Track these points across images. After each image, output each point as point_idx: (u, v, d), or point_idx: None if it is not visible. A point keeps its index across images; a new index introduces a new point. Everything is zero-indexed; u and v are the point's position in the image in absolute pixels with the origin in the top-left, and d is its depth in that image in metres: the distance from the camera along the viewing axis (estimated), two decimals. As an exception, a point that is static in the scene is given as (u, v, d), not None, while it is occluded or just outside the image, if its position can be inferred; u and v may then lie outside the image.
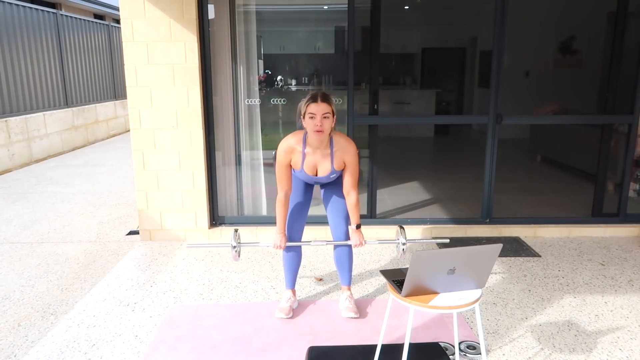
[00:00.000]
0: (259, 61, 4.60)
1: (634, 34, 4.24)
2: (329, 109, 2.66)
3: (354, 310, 2.97)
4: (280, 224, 2.88)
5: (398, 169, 6.83)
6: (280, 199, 2.85)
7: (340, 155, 2.78)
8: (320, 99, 2.65)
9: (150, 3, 3.92)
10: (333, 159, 2.77)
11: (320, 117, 2.63)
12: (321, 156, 2.78)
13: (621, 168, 4.44)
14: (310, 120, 2.65)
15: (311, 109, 2.64)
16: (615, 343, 2.72)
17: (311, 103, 2.65)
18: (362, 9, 4.13)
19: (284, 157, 2.79)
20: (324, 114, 2.64)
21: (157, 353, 2.65)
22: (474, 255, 1.99)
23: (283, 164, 2.80)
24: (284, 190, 2.85)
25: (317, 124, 2.64)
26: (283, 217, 2.88)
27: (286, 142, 2.80)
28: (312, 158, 2.79)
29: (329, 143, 2.77)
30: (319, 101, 2.64)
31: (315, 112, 2.63)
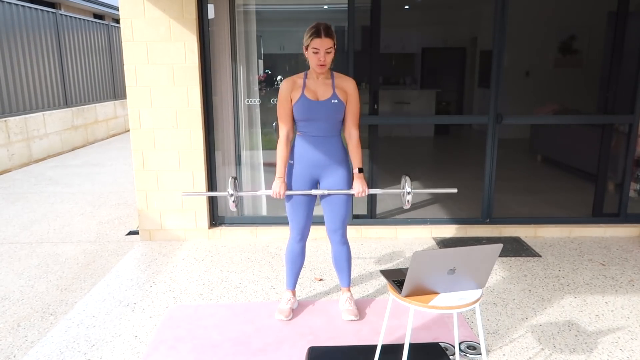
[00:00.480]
0: (259, 61, 4.59)
1: (635, 33, 4.24)
2: (331, 43, 2.65)
3: (354, 313, 2.96)
4: (280, 168, 2.82)
5: (398, 168, 6.82)
6: (282, 140, 2.81)
7: (341, 85, 2.77)
8: (324, 33, 2.62)
9: (150, 3, 3.91)
10: (334, 85, 2.76)
11: (324, 51, 2.63)
12: (322, 84, 2.77)
13: (622, 168, 4.43)
14: (314, 55, 2.65)
15: (315, 44, 2.62)
16: (616, 343, 2.71)
17: (315, 38, 2.63)
18: (362, 9, 4.12)
19: (285, 90, 2.77)
20: (327, 48, 2.63)
21: (157, 353, 2.65)
22: (474, 255, 1.99)
23: (284, 98, 2.77)
24: (285, 129, 2.81)
25: (320, 59, 2.64)
26: (283, 160, 2.82)
27: (288, 78, 2.81)
28: (314, 84, 2.76)
29: (330, 74, 2.78)
30: (322, 36, 2.62)
31: (319, 47, 2.62)
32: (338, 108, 2.76)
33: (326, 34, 2.63)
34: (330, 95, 2.74)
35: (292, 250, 3.01)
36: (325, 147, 2.80)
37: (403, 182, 2.91)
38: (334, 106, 2.75)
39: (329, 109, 2.74)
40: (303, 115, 2.76)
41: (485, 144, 4.31)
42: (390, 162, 7.29)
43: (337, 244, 2.97)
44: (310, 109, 2.74)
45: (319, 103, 2.74)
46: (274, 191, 2.81)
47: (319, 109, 2.74)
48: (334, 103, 2.74)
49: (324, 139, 2.79)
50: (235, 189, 2.87)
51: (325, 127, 2.78)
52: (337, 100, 2.75)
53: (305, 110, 2.75)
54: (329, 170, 2.84)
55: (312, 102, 2.73)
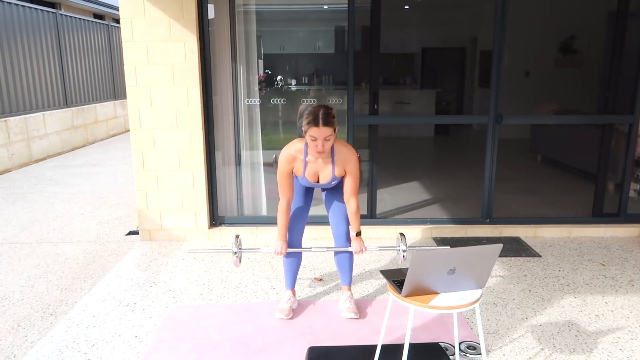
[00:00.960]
0: (259, 61, 4.59)
1: (635, 33, 4.24)
2: (330, 131, 2.58)
3: (354, 311, 2.97)
4: (282, 231, 2.88)
5: (398, 169, 6.82)
6: (282, 207, 2.84)
7: (342, 164, 2.78)
8: (322, 122, 2.55)
9: (150, 3, 3.91)
10: (334, 167, 2.77)
11: (322, 140, 2.59)
12: (323, 164, 2.78)
13: (621, 168, 4.43)
14: (312, 142, 2.61)
15: (312, 132, 2.57)
16: (616, 343, 2.71)
17: (312, 126, 2.57)
18: (362, 9, 4.12)
19: (285, 166, 2.78)
20: (326, 137, 2.58)
21: (156, 353, 2.65)
22: (474, 255, 1.99)
23: (285, 172, 2.79)
24: (286, 198, 2.84)
25: (318, 147, 2.61)
26: (284, 224, 2.87)
27: (287, 150, 2.78)
28: (314, 166, 2.79)
29: (330, 151, 2.77)
30: (320, 125, 2.55)
31: (317, 135, 2.57)
32: (337, 182, 2.90)
33: (325, 123, 2.55)
34: (330, 178, 2.81)
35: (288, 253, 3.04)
36: None
37: (398, 241, 2.95)
38: (334, 184, 2.89)
39: (329, 185, 2.89)
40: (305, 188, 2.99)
41: (485, 144, 4.31)
42: (390, 162, 7.29)
43: (341, 242, 3.00)
44: (311, 187, 2.96)
45: (319, 184, 2.87)
46: (276, 250, 2.89)
47: (318, 186, 2.91)
48: (334, 183, 2.87)
49: None
50: (239, 247, 2.91)
51: None
52: (336, 181, 2.86)
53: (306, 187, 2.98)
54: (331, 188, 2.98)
55: (313, 183, 2.86)
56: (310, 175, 2.81)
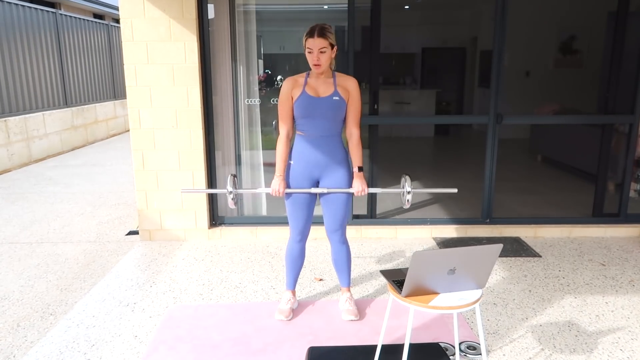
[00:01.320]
0: (259, 61, 4.59)
1: (635, 33, 4.24)
2: (325, 43, 2.64)
3: (354, 313, 2.96)
4: (280, 165, 2.83)
5: (398, 169, 6.82)
6: (282, 138, 2.81)
7: (343, 83, 2.77)
8: (317, 33, 2.62)
9: (150, 3, 3.91)
10: (336, 83, 2.76)
11: (317, 51, 2.63)
12: (323, 82, 2.77)
13: (622, 168, 4.43)
14: (309, 55, 2.66)
15: (308, 44, 2.64)
16: (616, 343, 2.71)
17: (308, 38, 2.64)
18: (362, 9, 4.12)
19: (286, 89, 2.78)
20: (321, 48, 2.63)
21: (156, 353, 2.65)
22: (474, 256, 1.98)
23: (285, 96, 2.78)
24: (286, 129, 2.82)
25: (314, 58, 2.65)
26: (283, 159, 2.82)
27: (289, 77, 2.81)
28: (315, 82, 2.77)
29: (331, 74, 2.78)
30: (315, 36, 2.63)
31: (312, 46, 2.63)
32: (339, 105, 2.75)
33: (319, 34, 2.63)
34: (332, 92, 2.74)
35: (292, 251, 3.01)
36: (325, 146, 2.80)
37: (403, 182, 2.91)
38: (335, 103, 2.74)
39: (330, 106, 2.73)
40: (304, 112, 2.75)
41: (485, 144, 4.30)
42: (390, 162, 7.29)
43: (337, 243, 2.97)
44: (311, 105, 2.73)
45: (320, 99, 2.73)
46: (273, 189, 2.81)
47: (320, 105, 2.73)
48: (335, 100, 2.73)
49: (324, 139, 2.79)
50: (235, 187, 2.87)
51: (325, 126, 2.77)
52: (338, 97, 2.74)
53: (306, 106, 2.74)
54: (328, 170, 2.83)
55: (313, 98, 2.73)
56: (311, 89, 2.76)
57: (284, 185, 2.82)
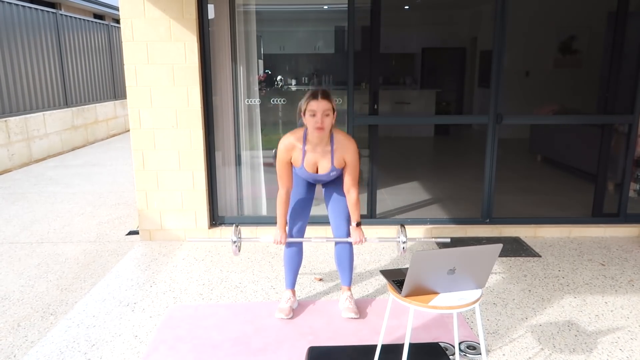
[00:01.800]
0: (259, 61, 4.59)
1: (634, 33, 4.24)
2: (329, 106, 2.65)
3: (354, 311, 2.97)
4: (281, 221, 2.89)
5: (398, 169, 6.82)
6: (281, 196, 2.86)
7: (341, 153, 2.78)
8: (321, 96, 2.65)
9: (150, 3, 3.91)
10: (333, 157, 2.78)
11: (321, 114, 2.63)
12: (321, 154, 2.78)
13: (621, 168, 4.43)
14: (311, 118, 2.65)
15: (312, 107, 2.64)
16: (616, 343, 2.71)
17: (312, 100, 2.64)
18: (362, 9, 4.12)
19: (284, 154, 2.80)
20: (325, 111, 2.63)
21: (156, 353, 2.65)
22: (474, 255, 1.99)
23: (283, 161, 2.81)
24: (285, 188, 2.86)
25: (317, 122, 2.64)
26: (283, 214, 2.88)
27: (286, 139, 2.80)
28: (313, 155, 2.79)
29: (329, 140, 2.77)
30: (319, 98, 2.63)
31: (316, 109, 2.63)
32: (337, 175, 2.90)
33: (323, 97, 2.64)
34: (329, 169, 2.81)
35: (289, 250, 3.03)
36: None
37: (398, 232, 2.97)
38: (333, 176, 2.88)
39: (327, 177, 2.88)
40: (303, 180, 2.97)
41: (485, 144, 4.31)
42: (390, 162, 7.30)
43: (342, 243, 3.00)
44: (309, 178, 2.91)
45: (317, 175, 2.86)
46: (275, 240, 2.90)
47: (317, 178, 2.89)
48: (333, 174, 2.86)
49: None
50: (239, 236, 2.94)
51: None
52: (335, 172, 2.85)
53: (304, 178, 2.95)
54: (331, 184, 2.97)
55: (311, 174, 2.86)
56: (309, 165, 2.80)
57: (285, 236, 2.91)
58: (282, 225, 2.90)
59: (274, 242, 2.89)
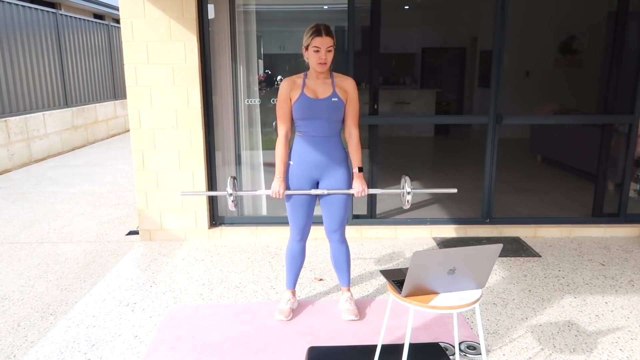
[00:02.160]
0: (259, 61, 4.59)
1: (635, 33, 4.24)
2: (332, 42, 2.67)
3: (354, 313, 2.96)
4: (280, 167, 2.83)
5: (398, 169, 6.82)
6: (281, 139, 2.82)
7: (341, 84, 2.79)
8: (325, 32, 2.65)
9: (150, 3, 3.91)
10: (334, 84, 2.78)
11: (325, 50, 2.65)
12: (322, 83, 2.78)
13: (621, 168, 4.43)
14: (315, 54, 2.66)
15: (316, 42, 2.65)
16: (616, 343, 2.71)
17: (316, 36, 2.65)
18: (362, 9, 4.12)
19: (284, 90, 2.78)
20: (328, 47, 2.65)
21: (156, 353, 2.65)
22: (474, 255, 1.99)
23: (283, 97, 2.78)
24: (284, 129, 2.82)
25: (321, 57, 2.66)
26: (283, 160, 2.83)
27: (287, 78, 2.82)
28: (313, 83, 2.77)
29: (329, 74, 2.80)
30: (323, 35, 2.64)
31: (320, 45, 2.64)
32: (338, 106, 2.76)
33: (327, 33, 2.66)
34: (331, 94, 2.75)
35: (292, 250, 3.01)
36: (324, 147, 2.80)
37: (403, 182, 2.91)
38: (334, 104, 2.75)
39: (329, 107, 2.75)
40: (303, 114, 2.76)
41: (485, 144, 4.31)
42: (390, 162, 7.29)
43: (336, 243, 2.98)
44: (310, 107, 2.74)
45: (318, 101, 2.74)
46: (274, 190, 2.81)
47: (319, 107, 2.74)
48: (334, 101, 2.75)
49: (324, 139, 2.79)
50: (235, 189, 2.87)
51: (324, 127, 2.78)
52: (337, 99, 2.75)
53: (305, 108, 2.74)
54: (328, 171, 2.84)
55: (312, 100, 2.73)
56: (309, 90, 2.76)
57: (284, 186, 2.82)
58: (282, 173, 2.83)
59: (272, 195, 2.81)
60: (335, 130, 2.82)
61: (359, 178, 2.85)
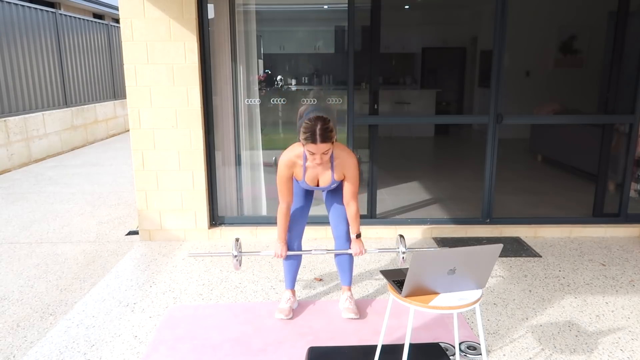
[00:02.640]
0: (259, 61, 4.59)
1: (635, 33, 4.23)
2: (328, 146, 2.58)
3: (354, 311, 2.97)
4: (282, 234, 2.89)
5: (398, 169, 6.82)
6: (282, 210, 2.85)
7: (341, 168, 2.79)
8: (320, 139, 2.53)
9: (150, 3, 3.91)
10: (334, 171, 2.78)
11: (320, 155, 2.60)
12: (322, 169, 2.79)
13: (622, 168, 4.43)
14: (310, 156, 2.62)
15: (310, 148, 2.57)
16: (617, 343, 2.71)
17: (310, 143, 2.56)
18: (362, 9, 4.12)
19: (285, 171, 2.79)
20: (324, 152, 2.59)
21: (156, 353, 2.64)
22: (474, 256, 1.98)
23: (284, 177, 2.80)
24: (286, 202, 2.85)
25: (316, 160, 2.62)
26: (284, 227, 2.89)
27: (287, 156, 2.77)
28: (314, 171, 2.80)
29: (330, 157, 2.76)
30: (318, 142, 2.54)
31: (315, 151, 2.58)
32: (337, 185, 2.92)
33: (322, 139, 2.53)
34: (330, 182, 2.83)
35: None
36: None
37: (397, 243, 2.97)
38: (334, 186, 2.91)
39: (328, 188, 2.92)
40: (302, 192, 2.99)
41: (485, 144, 4.30)
42: (390, 162, 7.29)
43: (341, 242, 3.00)
44: (311, 189, 2.95)
45: (318, 187, 2.89)
46: (276, 253, 2.90)
47: (318, 189, 2.94)
48: (334, 186, 2.90)
49: None
50: (239, 250, 2.91)
51: None
52: (336, 184, 2.87)
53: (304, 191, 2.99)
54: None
55: (313, 187, 2.89)
56: (310, 179, 2.83)
57: (285, 249, 2.91)
58: (283, 239, 2.90)
59: (275, 256, 2.91)
60: None
61: (358, 242, 2.91)
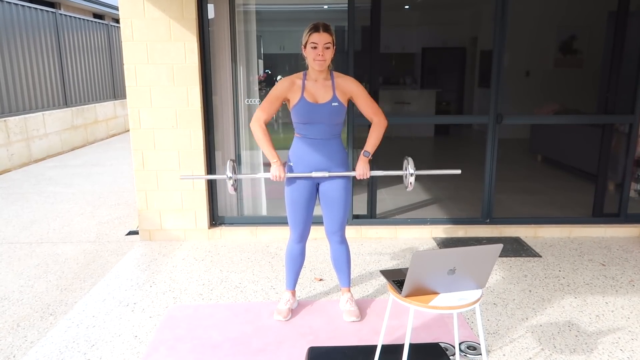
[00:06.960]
0: (259, 61, 4.59)
1: (635, 33, 4.24)
2: (330, 39, 2.65)
3: (356, 314, 2.95)
4: (272, 151, 2.77)
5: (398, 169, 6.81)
6: (260, 125, 2.76)
7: (342, 85, 2.75)
8: (322, 28, 2.64)
9: (150, 3, 3.91)
10: (334, 87, 2.75)
11: (322, 46, 2.63)
12: (322, 86, 2.75)
13: (622, 168, 4.43)
14: (312, 50, 2.65)
15: (313, 39, 2.64)
16: (616, 343, 2.71)
17: (313, 32, 2.64)
18: (362, 9, 4.12)
19: (279, 88, 2.75)
20: (326, 43, 2.64)
21: (156, 353, 2.65)
22: (474, 256, 1.98)
23: (276, 94, 2.75)
24: (264, 118, 2.77)
25: (319, 53, 2.64)
26: (270, 143, 2.78)
27: (286, 77, 2.79)
28: (313, 86, 2.74)
29: (329, 75, 2.77)
30: (320, 31, 2.64)
31: (317, 41, 2.63)
32: (338, 110, 2.74)
33: (324, 29, 2.65)
34: (331, 98, 2.72)
35: (292, 251, 3.01)
36: (324, 149, 2.79)
37: (405, 164, 2.89)
38: (334, 109, 2.73)
39: (329, 112, 2.73)
40: (302, 119, 2.75)
41: (486, 144, 4.30)
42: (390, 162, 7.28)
43: (336, 243, 2.97)
44: (310, 112, 2.72)
45: (318, 106, 2.72)
46: (274, 174, 2.77)
47: (318, 112, 2.72)
48: (335, 106, 2.72)
49: (324, 142, 2.78)
50: (234, 172, 2.84)
51: (324, 130, 2.76)
52: (337, 103, 2.73)
53: (304, 113, 2.73)
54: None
55: (312, 104, 2.71)
56: (309, 94, 2.73)
57: (283, 169, 2.78)
58: (276, 156, 2.77)
59: (273, 178, 2.77)
60: (336, 132, 2.80)
61: (364, 162, 2.83)
